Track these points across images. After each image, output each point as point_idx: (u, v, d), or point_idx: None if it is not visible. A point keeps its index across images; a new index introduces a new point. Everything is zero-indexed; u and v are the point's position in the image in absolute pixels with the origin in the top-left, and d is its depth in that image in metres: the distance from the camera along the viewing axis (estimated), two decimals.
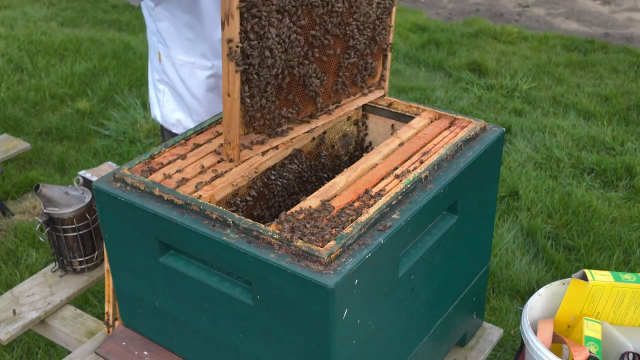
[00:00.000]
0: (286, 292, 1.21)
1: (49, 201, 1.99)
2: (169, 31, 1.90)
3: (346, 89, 1.59)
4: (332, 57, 1.53)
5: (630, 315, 1.77)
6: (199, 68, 1.92)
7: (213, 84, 1.95)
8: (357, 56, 1.57)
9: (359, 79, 1.61)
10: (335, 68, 1.54)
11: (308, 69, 1.46)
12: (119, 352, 1.60)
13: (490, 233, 1.73)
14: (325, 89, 1.54)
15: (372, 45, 1.59)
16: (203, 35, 1.86)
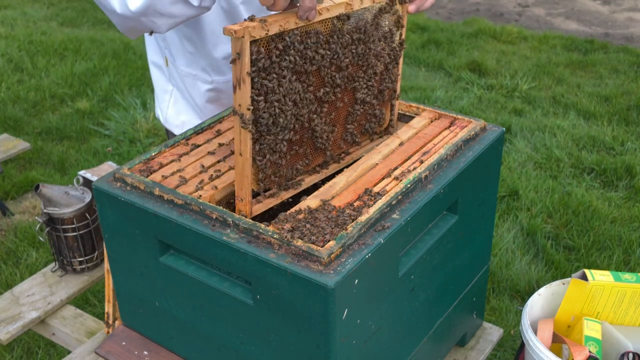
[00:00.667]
0: (286, 292, 1.21)
1: (49, 201, 1.99)
2: (174, 41, 1.89)
3: (355, 137, 1.61)
4: (341, 110, 1.54)
5: (630, 315, 1.77)
6: (200, 80, 1.92)
7: (213, 97, 1.95)
8: (365, 107, 1.59)
9: (367, 128, 1.63)
10: (343, 120, 1.56)
11: (318, 123, 1.48)
12: (119, 352, 1.61)
13: (490, 233, 1.73)
14: (335, 139, 1.56)
15: (380, 95, 1.61)
16: (203, 50, 1.85)
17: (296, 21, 1.35)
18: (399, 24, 1.59)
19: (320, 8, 1.39)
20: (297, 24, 1.35)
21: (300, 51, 1.37)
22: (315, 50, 1.40)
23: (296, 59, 1.37)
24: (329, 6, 1.42)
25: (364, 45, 1.51)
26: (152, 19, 1.51)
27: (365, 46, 1.52)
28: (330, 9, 1.42)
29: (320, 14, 1.39)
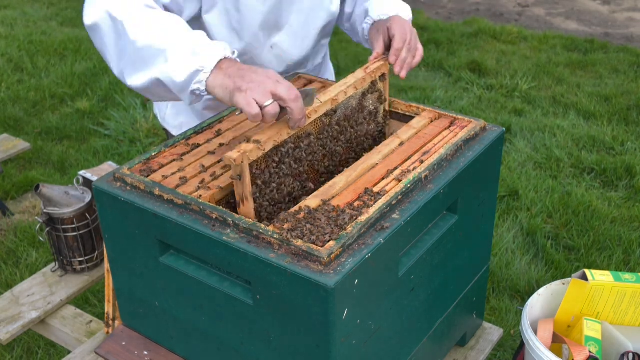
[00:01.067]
0: (286, 292, 1.21)
1: (49, 201, 1.99)
2: None
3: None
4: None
5: (630, 315, 1.77)
6: None
7: (212, 106, 1.95)
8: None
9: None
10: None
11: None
12: (119, 352, 1.61)
13: (490, 233, 1.73)
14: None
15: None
16: None
17: (288, 132, 1.40)
18: (381, 99, 1.67)
19: (309, 112, 1.43)
20: (289, 134, 1.41)
21: (295, 156, 1.46)
22: (309, 152, 1.49)
23: (291, 164, 1.45)
24: (317, 107, 1.48)
25: (352, 130, 1.61)
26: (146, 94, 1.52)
27: (353, 130, 1.61)
28: (318, 109, 1.48)
29: (309, 117, 1.44)
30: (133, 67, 1.44)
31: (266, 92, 1.31)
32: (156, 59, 1.39)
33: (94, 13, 1.46)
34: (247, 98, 1.31)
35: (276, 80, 1.33)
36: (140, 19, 1.42)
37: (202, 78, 1.36)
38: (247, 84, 1.32)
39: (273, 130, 1.39)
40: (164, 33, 1.40)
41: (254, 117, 1.32)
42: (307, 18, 1.84)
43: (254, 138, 1.36)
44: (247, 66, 1.38)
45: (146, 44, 1.39)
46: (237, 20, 1.72)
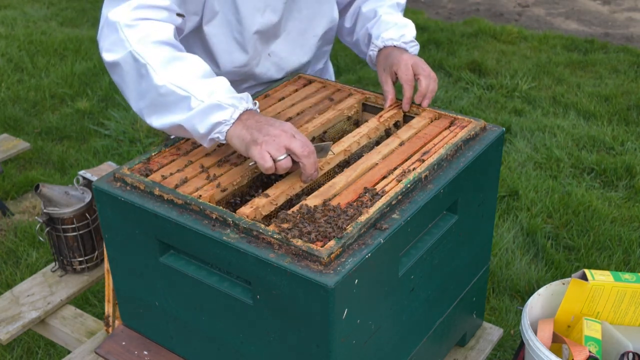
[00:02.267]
0: (286, 291, 1.21)
1: (49, 201, 1.99)
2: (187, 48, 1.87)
3: None
4: None
5: (630, 315, 1.77)
6: None
7: None
8: None
9: None
10: None
11: None
12: (119, 352, 1.61)
13: (490, 233, 1.73)
14: None
15: None
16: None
17: (301, 185, 1.42)
18: None
19: (321, 165, 1.46)
20: (301, 187, 1.42)
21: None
22: None
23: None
24: (330, 159, 1.50)
25: None
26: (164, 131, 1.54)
27: None
28: (330, 161, 1.51)
29: (322, 169, 1.46)
30: (154, 109, 1.46)
31: (280, 146, 1.36)
32: (179, 106, 1.42)
33: (115, 52, 1.47)
34: (262, 152, 1.36)
35: (292, 135, 1.37)
36: (164, 63, 1.43)
37: (223, 130, 1.41)
38: (263, 136, 1.36)
39: (286, 184, 1.41)
40: (187, 80, 1.42)
41: (267, 169, 1.37)
42: (306, 26, 1.83)
43: (266, 192, 1.38)
44: (265, 118, 1.41)
45: (169, 89, 1.42)
46: (239, 30, 1.71)
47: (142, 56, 1.43)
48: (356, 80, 4.96)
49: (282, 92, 1.82)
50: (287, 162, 1.37)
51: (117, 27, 1.46)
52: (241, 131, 1.39)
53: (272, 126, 1.38)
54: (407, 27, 1.79)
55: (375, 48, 1.79)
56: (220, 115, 1.39)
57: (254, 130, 1.38)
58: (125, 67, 1.46)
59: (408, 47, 1.76)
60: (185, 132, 1.45)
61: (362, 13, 1.90)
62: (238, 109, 1.40)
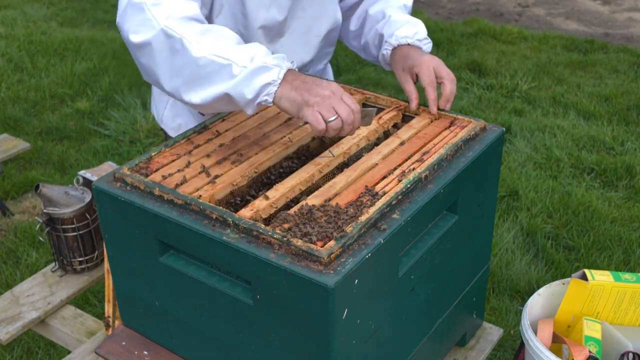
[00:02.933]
0: (286, 292, 1.21)
1: (49, 201, 1.99)
2: None
3: None
4: None
5: (630, 315, 1.77)
6: None
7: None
8: None
9: None
10: None
11: None
12: (119, 352, 1.61)
13: (490, 233, 1.73)
14: None
15: None
16: None
17: (300, 187, 1.43)
18: None
19: (320, 167, 1.48)
20: (301, 190, 1.43)
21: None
22: None
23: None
24: (329, 161, 1.51)
25: None
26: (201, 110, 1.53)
27: None
28: (330, 163, 1.51)
29: (321, 172, 1.48)
30: (194, 83, 1.43)
31: (330, 107, 1.37)
32: (221, 75, 1.40)
33: (144, 32, 1.44)
34: (314, 113, 1.37)
35: (340, 98, 1.39)
36: (198, 35, 1.42)
37: (271, 90, 1.39)
38: (314, 98, 1.37)
39: (287, 186, 1.41)
40: (224, 48, 1.40)
41: (319, 132, 1.38)
42: (310, 25, 1.83)
43: (266, 194, 1.39)
44: (310, 78, 1.41)
45: (209, 60, 1.39)
46: (244, 25, 1.72)
47: (176, 31, 1.41)
48: (356, 80, 4.96)
49: None
50: (337, 124, 1.38)
51: (143, 7, 1.43)
52: (290, 92, 1.38)
53: (320, 87, 1.38)
54: (419, 24, 1.78)
55: (390, 47, 1.77)
56: (267, 76, 1.37)
57: (303, 91, 1.38)
58: (157, 46, 1.43)
59: (422, 44, 1.74)
60: (229, 102, 1.42)
61: (370, 15, 1.88)
62: (282, 69, 1.39)
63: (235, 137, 1.60)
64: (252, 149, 1.56)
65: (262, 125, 1.66)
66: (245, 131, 1.63)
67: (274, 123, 1.67)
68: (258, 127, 1.65)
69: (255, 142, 1.59)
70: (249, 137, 1.60)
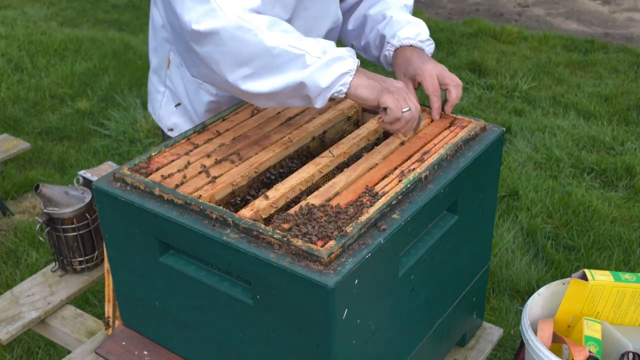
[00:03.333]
0: (286, 292, 1.21)
1: (49, 201, 1.99)
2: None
3: None
4: None
5: (630, 315, 1.77)
6: (204, 90, 1.89)
7: (215, 108, 1.93)
8: None
9: None
10: None
11: None
12: (119, 352, 1.61)
13: (490, 233, 1.73)
14: None
15: None
16: None
17: (301, 188, 1.44)
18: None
19: (320, 167, 1.49)
20: (301, 190, 1.44)
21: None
22: None
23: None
24: (329, 161, 1.51)
25: None
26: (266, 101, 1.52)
27: None
28: (330, 163, 1.51)
29: (321, 172, 1.49)
30: (264, 72, 1.43)
31: (405, 99, 1.44)
32: (294, 64, 1.40)
33: (212, 21, 1.42)
34: (394, 100, 1.42)
35: (407, 92, 1.46)
36: (269, 26, 1.42)
37: (347, 80, 1.41)
38: (392, 87, 1.44)
39: (287, 186, 1.42)
40: (296, 39, 1.42)
41: (394, 119, 1.44)
42: (311, 25, 1.82)
43: (266, 194, 1.39)
44: (375, 74, 1.47)
45: (283, 50, 1.40)
46: None
47: (248, 21, 1.41)
48: None
49: None
50: (409, 115, 1.44)
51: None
52: (367, 81, 1.42)
53: (391, 80, 1.46)
54: (421, 25, 1.77)
55: (392, 47, 1.76)
56: (344, 65, 1.40)
57: (380, 80, 1.43)
58: (226, 35, 1.41)
59: (424, 45, 1.74)
60: (300, 93, 1.43)
61: (370, 16, 1.87)
62: (356, 60, 1.42)
63: (235, 137, 1.60)
64: (252, 149, 1.56)
65: (262, 125, 1.66)
66: (245, 131, 1.63)
67: (274, 123, 1.67)
68: (258, 127, 1.65)
69: (255, 142, 1.59)
70: (249, 137, 1.60)
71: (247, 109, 1.73)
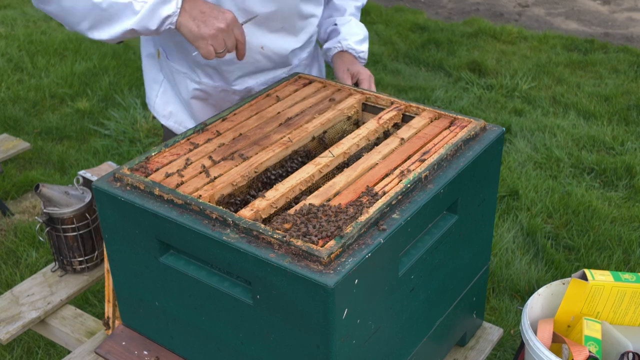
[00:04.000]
0: (286, 291, 1.21)
1: (49, 201, 1.99)
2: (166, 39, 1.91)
3: None
4: None
5: (630, 315, 1.77)
6: (189, 79, 1.95)
7: (201, 96, 1.98)
8: None
9: None
10: None
11: None
12: (119, 352, 1.61)
13: (490, 233, 1.73)
14: None
15: None
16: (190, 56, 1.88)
17: (300, 188, 1.44)
18: None
19: (320, 167, 1.50)
20: (301, 190, 1.44)
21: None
22: None
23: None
24: (329, 161, 1.52)
25: None
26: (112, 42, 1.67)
27: None
28: (330, 163, 1.52)
29: (321, 172, 1.49)
30: (100, 24, 1.59)
31: (222, 41, 1.59)
32: (124, 13, 1.55)
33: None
34: (208, 47, 1.58)
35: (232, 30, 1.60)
36: None
37: (172, 21, 1.57)
38: (210, 30, 1.57)
39: (287, 187, 1.42)
40: None
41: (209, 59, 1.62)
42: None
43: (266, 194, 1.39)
44: (208, 7, 1.59)
45: (110, 2, 1.54)
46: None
47: None
48: None
49: (282, 92, 1.82)
50: (225, 55, 1.63)
51: None
52: (188, 22, 1.57)
53: (216, 18, 1.57)
54: (367, 41, 2.07)
55: (340, 47, 2.02)
56: (167, 9, 1.55)
57: (200, 22, 1.57)
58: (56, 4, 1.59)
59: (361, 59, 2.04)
60: (136, 34, 1.60)
61: (333, 3, 2.09)
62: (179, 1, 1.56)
63: (235, 137, 1.61)
64: (252, 149, 1.56)
65: (262, 125, 1.66)
66: (245, 131, 1.63)
67: (274, 123, 1.67)
68: (258, 127, 1.65)
69: (255, 142, 1.59)
70: (249, 137, 1.60)
71: (246, 109, 1.73)
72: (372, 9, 6.27)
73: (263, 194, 1.39)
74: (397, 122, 1.70)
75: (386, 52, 5.52)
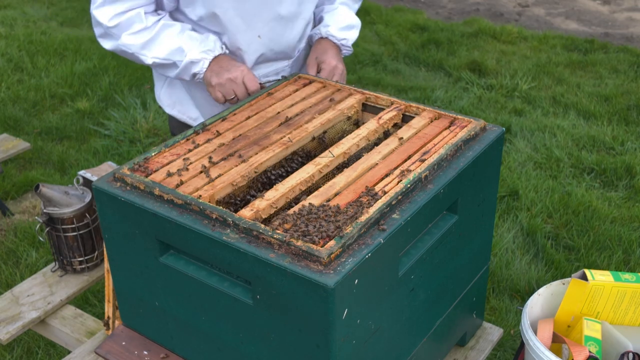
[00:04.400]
0: (286, 292, 1.21)
1: (49, 201, 1.99)
2: None
3: None
4: None
5: (630, 315, 1.77)
6: None
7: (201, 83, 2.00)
8: None
9: None
10: None
11: None
12: (119, 351, 1.61)
13: (490, 233, 1.73)
14: None
15: None
16: None
17: (300, 188, 1.44)
18: None
19: (320, 167, 1.50)
20: (301, 190, 1.44)
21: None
22: None
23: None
24: (329, 161, 1.52)
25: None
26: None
27: None
28: (330, 163, 1.52)
29: (321, 173, 1.49)
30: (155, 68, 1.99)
31: (231, 90, 1.86)
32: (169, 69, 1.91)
33: (108, 44, 1.91)
34: (217, 93, 1.88)
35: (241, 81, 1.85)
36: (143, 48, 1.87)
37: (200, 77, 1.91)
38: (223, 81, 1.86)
39: (287, 187, 1.42)
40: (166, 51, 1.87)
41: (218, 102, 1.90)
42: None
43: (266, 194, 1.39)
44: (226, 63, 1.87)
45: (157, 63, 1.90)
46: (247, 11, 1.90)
47: (127, 47, 1.88)
48: (356, 80, 4.96)
49: (282, 91, 1.82)
50: (234, 101, 1.88)
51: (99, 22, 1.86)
52: (207, 74, 1.88)
53: (228, 71, 1.86)
54: (354, 29, 2.05)
55: (319, 34, 2.03)
56: (196, 67, 1.88)
57: (214, 74, 1.86)
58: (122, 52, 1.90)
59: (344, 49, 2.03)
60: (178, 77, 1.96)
61: None
62: (207, 59, 1.87)
63: (235, 137, 1.61)
64: (252, 149, 1.56)
65: (262, 125, 1.66)
66: (245, 131, 1.63)
67: (274, 123, 1.67)
68: (258, 127, 1.65)
69: (255, 142, 1.59)
70: (249, 137, 1.60)
71: (246, 109, 1.73)
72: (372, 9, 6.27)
73: (263, 194, 1.39)
74: (397, 122, 1.70)
75: (386, 52, 5.52)
